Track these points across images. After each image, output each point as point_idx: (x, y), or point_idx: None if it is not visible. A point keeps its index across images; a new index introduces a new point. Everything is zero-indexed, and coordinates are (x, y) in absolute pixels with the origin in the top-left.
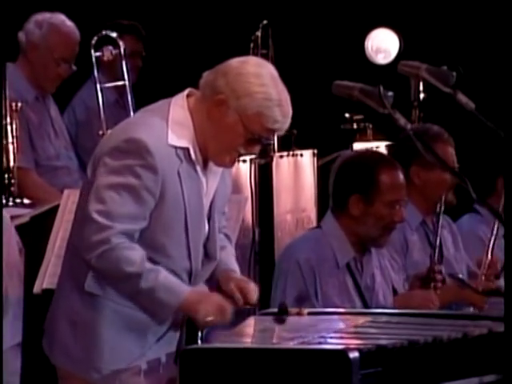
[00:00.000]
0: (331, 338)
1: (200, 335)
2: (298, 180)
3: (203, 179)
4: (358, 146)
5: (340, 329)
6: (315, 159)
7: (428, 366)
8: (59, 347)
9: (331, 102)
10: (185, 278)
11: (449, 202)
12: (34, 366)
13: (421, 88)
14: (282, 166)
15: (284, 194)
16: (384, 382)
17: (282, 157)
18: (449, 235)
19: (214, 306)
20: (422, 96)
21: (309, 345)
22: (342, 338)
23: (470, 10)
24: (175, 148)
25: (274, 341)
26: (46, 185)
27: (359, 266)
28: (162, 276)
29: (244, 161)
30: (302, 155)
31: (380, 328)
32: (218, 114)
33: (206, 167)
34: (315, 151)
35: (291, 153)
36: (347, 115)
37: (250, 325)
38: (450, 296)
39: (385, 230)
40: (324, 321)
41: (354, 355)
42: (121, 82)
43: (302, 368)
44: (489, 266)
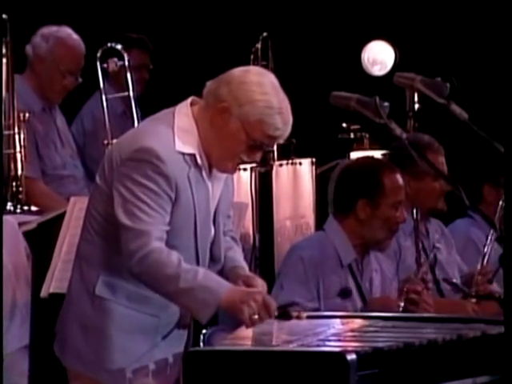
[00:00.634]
0: (329, 340)
1: (202, 337)
2: (297, 187)
3: (209, 184)
4: (355, 155)
5: (338, 332)
6: (314, 167)
7: (423, 367)
8: (71, 350)
9: (329, 113)
10: None
11: (440, 209)
12: (41, 368)
13: (416, 99)
14: (282, 174)
15: (283, 201)
16: (381, 383)
17: (281, 165)
18: (441, 239)
19: (258, 303)
20: (416, 106)
21: (308, 347)
22: (339, 340)
23: (464, 23)
24: (183, 154)
25: (274, 343)
26: (53, 193)
27: (360, 267)
28: (200, 276)
29: (245, 169)
30: (300, 164)
31: (377, 331)
32: (221, 121)
33: (210, 173)
34: (314, 160)
35: (290, 161)
36: (344, 125)
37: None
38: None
39: (389, 232)
40: (322, 324)
41: (351, 357)
42: (125, 93)
43: (301, 370)
44: (482, 271)
